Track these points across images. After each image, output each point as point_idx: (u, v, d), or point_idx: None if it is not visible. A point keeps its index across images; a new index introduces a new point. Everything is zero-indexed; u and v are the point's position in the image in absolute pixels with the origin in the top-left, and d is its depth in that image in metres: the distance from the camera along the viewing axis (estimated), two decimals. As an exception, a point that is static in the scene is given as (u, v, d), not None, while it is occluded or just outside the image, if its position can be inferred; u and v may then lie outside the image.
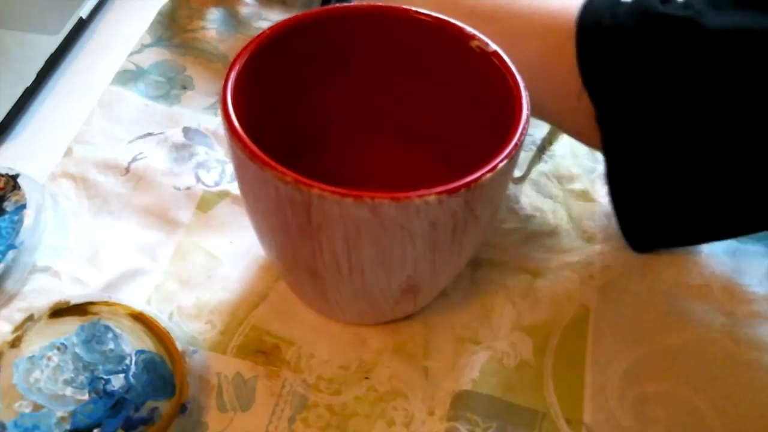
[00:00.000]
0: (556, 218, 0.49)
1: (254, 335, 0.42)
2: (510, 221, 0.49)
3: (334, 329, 0.43)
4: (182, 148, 0.52)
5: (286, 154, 0.35)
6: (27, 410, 0.37)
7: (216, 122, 0.54)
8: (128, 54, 0.58)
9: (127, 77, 0.56)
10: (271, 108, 0.41)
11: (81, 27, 0.60)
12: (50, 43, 0.57)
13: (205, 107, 0.55)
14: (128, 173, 0.50)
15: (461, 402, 0.40)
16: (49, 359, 0.39)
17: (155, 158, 0.51)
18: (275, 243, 0.38)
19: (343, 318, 0.43)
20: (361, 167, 0.45)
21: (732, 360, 0.42)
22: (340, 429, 0.39)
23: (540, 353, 0.42)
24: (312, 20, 0.40)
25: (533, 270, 0.46)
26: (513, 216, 0.49)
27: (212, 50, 0.59)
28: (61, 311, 0.41)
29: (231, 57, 0.37)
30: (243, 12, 0.63)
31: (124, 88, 0.55)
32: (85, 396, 0.38)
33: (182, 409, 0.38)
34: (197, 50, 0.59)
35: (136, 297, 0.44)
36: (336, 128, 0.46)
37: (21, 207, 0.45)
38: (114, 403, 0.38)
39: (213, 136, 0.53)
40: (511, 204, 0.50)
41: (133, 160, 0.51)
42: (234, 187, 0.50)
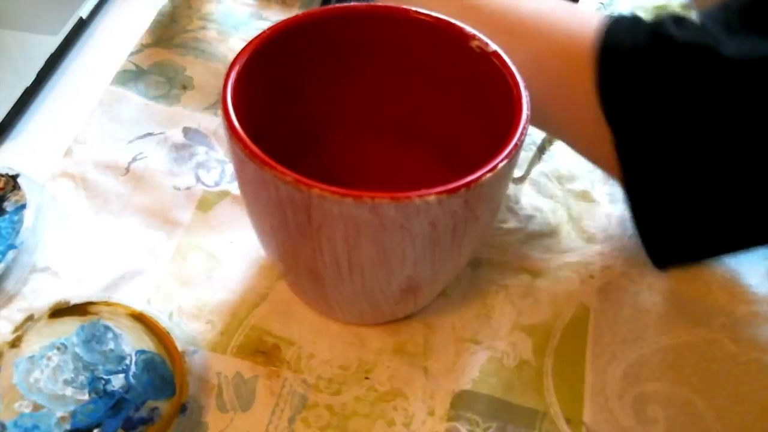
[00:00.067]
0: (556, 218, 0.49)
1: (254, 335, 0.42)
2: (510, 221, 0.49)
3: (334, 329, 0.43)
4: (182, 148, 0.52)
5: (286, 154, 0.35)
6: (27, 410, 0.37)
7: (216, 122, 0.54)
8: (128, 54, 0.58)
9: (127, 77, 0.56)
10: (271, 108, 0.41)
11: (81, 27, 0.60)
12: (50, 43, 0.57)
13: (205, 107, 0.55)
14: (128, 173, 0.50)
15: (461, 402, 0.40)
16: (49, 359, 0.39)
17: (155, 158, 0.51)
18: (275, 243, 0.38)
19: (343, 318, 0.43)
20: (361, 167, 0.45)
21: (732, 360, 0.42)
22: (340, 429, 0.39)
23: (540, 353, 0.42)
24: (312, 20, 0.40)
25: (533, 270, 0.46)
26: (513, 216, 0.49)
27: (212, 50, 0.59)
28: (61, 311, 0.41)
29: (231, 57, 0.37)
30: (243, 12, 0.63)
31: (124, 88, 0.55)
32: (85, 396, 0.38)
33: (182, 409, 0.38)
34: (197, 50, 0.59)
35: (136, 297, 0.44)
36: (336, 128, 0.46)
37: (21, 207, 0.45)
38: (114, 403, 0.38)
39: (213, 136, 0.53)
40: (511, 204, 0.50)
41: (133, 160, 0.51)
42: (234, 187, 0.50)
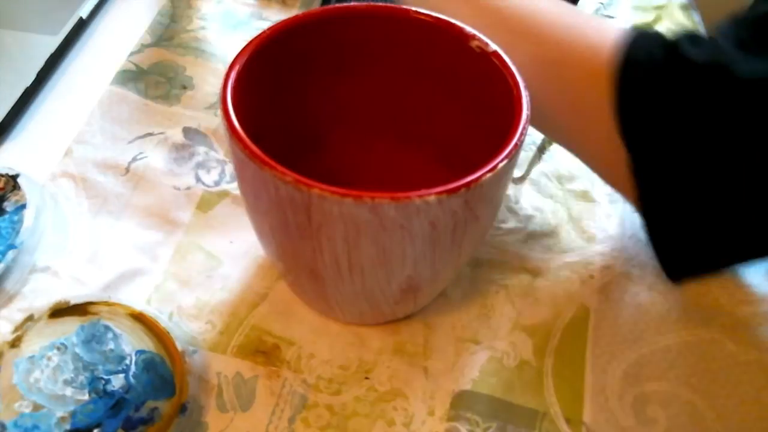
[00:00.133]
0: (556, 218, 0.49)
1: (254, 335, 0.42)
2: (510, 221, 0.49)
3: (334, 329, 0.43)
4: (182, 148, 0.52)
5: (286, 154, 0.35)
6: (27, 410, 0.37)
7: (216, 122, 0.54)
8: (128, 54, 0.58)
9: (127, 77, 0.56)
10: (271, 108, 0.41)
11: (81, 27, 0.60)
12: (50, 43, 0.57)
13: (205, 107, 0.55)
14: (128, 173, 0.50)
15: (461, 402, 0.40)
16: (49, 359, 0.39)
17: (155, 158, 0.51)
18: (275, 243, 0.38)
19: (343, 318, 0.43)
20: (361, 167, 0.45)
21: (732, 360, 0.42)
22: (340, 429, 0.39)
23: (540, 353, 0.42)
24: (312, 20, 0.40)
25: (533, 270, 0.46)
26: (513, 216, 0.49)
27: (212, 50, 0.59)
28: (61, 311, 0.41)
29: (231, 57, 0.37)
30: (243, 12, 0.63)
31: (124, 88, 0.55)
32: (85, 396, 0.38)
33: (182, 409, 0.38)
34: (197, 50, 0.59)
35: (136, 297, 0.44)
36: (336, 128, 0.46)
37: (21, 207, 0.45)
38: (114, 403, 0.38)
39: (213, 136, 0.53)
40: (511, 204, 0.50)
41: (133, 160, 0.51)
42: (234, 187, 0.50)
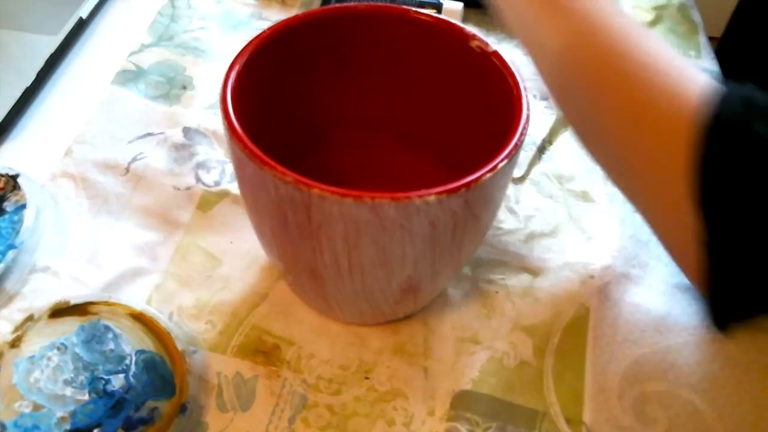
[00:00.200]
0: (556, 218, 0.49)
1: (254, 335, 0.42)
2: (510, 221, 0.49)
3: (334, 329, 0.43)
4: (182, 148, 0.52)
5: (286, 154, 0.34)
6: (27, 410, 0.37)
7: (216, 122, 0.54)
8: (128, 54, 0.58)
9: (127, 77, 0.56)
10: (271, 108, 0.41)
11: (81, 27, 0.60)
12: (50, 43, 0.57)
13: (205, 107, 0.55)
14: (128, 173, 0.50)
15: (461, 402, 0.40)
16: (49, 359, 0.39)
17: (155, 158, 0.51)
18: (275, 243, 0.38)
19: (343, 318, 0.43)
20: (361, 167, 0.45)
21: (732, 360, 0.42)
22: (340, 429, 0.39)
23: (540, 353, 0.42)
24: (312, 20, 0.40)
25: (533, 270, 0.46)
26: (513, 216, 0.49)
27: (212, 50, 0.59)
28: (61, 311, 0.41)
29: (231, 57, 0.37)
30: (243, 12, 0.63)
31: (124, 88, 0.55)
32: (85, 396, 0.38)
33: (182, 409, 0.38)
34: (197, 50, 0.59)
35: (136, 297, 0.44)
36: (336, 128, 0.46)
37: (21, 207, 0.45)
38: (114, 403, 0.38)
39: (213, 136, 0.53)
40: (511, 204, 0.50)
41: (133, 160, 0.51)
42: (234, 187, 0.50)
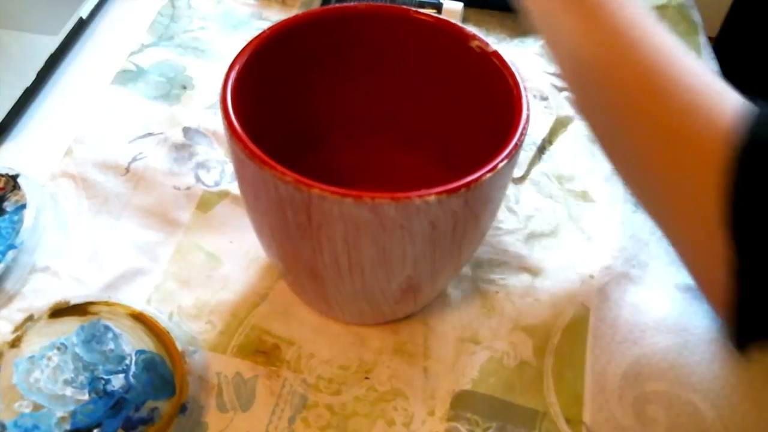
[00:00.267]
0: (556, 218, 0.49)
1: (254, 335, 0.42)
2: (510, 221, 0.49)
3: (334, 329, 0.43)
4: (182, 148, 0.52)
5: (286, 154, 0.34)
6: (27, 410, 0.37)
7: (216, 122, 0.54)
8: (128, 54, 0.58)
9: (127, 77, 0.56)
10: (271, 108, 0.41)
11: (81, 27, 0.60)
12: (50, 43, 0.57)
13: (205, 107, 0.55)
14: (128, 173, 0.50)
15: (461, 402, 0.40)
16: (49, 359, 0.39)
17: (155, 158, 0.51)
18: (275, 243, 0.38)
19: (343, 318, 0.43)
20: (361, 167, 0.45)
21: (732, 360, 0.42)
22: (340, 429, 0.39)
23: (540, 353, 0.42)
24: (312, 20, 0.40)
25: (533, 270, 0.46)
26: (513, 216, 0.49)
27: (212, 50, 0.59)
28: (61, 311, 0.41)
29: (231, 57, 0.37)
30: (243, 12, 0.63)
31: (124, 88, 0.55)
32: (85, 396, 0.38)
33: (182, 409, 0.38)
34: (197, 50, 0.59)
35: (136, 297, 0.44)
36: (336, 128, 0.46)
37: (21, 207, 0.45)
38: (114, 403, 0.38)
39: (213, 136, 0.53)
40: (511, 204, 0.50)
41: (133, 160, 0.51)
42: (234, 187, 0.50)
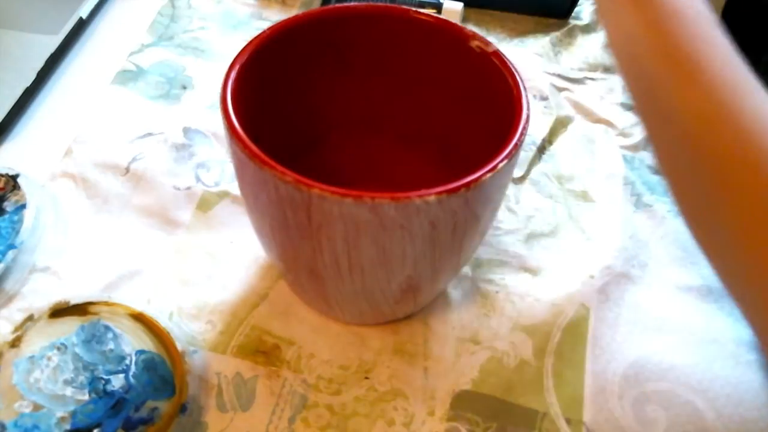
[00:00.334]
0: (556, 218, 0.49)
1: (254, 335, 0.42)
2: (510, 221, 0.49)
3: (334, 329, 0.43)
4: (182, 148, 0.52)
5: (286, 154, 0.34)
6: (27, 410, 0.37)
7: (216, 122, 0.54)
8: (128, 54, 0.58)
9: (127, 77, 0.56)
10: (271, 108, 0.41)
11: (81, 27, 0.60)
12: (50, 43, 0.57)
13: (205, 107, 0.55)
14: (128, 173, 0.50)
15: (461, 402, 0.40)
16: (49, 359, 0.39)
17: (155, 158, 0.51)
18: (275, 243, 0.38)
19: (343, 318, 0.43)
20: (361, 167, 0.45)
21: (732, 360, 0.42)
22: (340, 429, 0.39)
23: (540, 353, 0.42)
24: (312, 20, 0.40)
25: (533, 270, 0.46)
26: (513, 216, 0.49)
27: (212, 50, 0.59)
28: (61, 311, 0.41)
29: (231, 57, 0.37)
30: (243, 12, 0.63)
31: (124, 88, 0.55)
32: (85, 396, 0.38)
33: (182, 409, 0.38)
34: (197, 50, 0.59)
35: (136, 297, 0.44)
36: (336, 128, 0.46)
37: (21, 207, 0.45)
38: (114, 403, 0.38)
39: (213, 136, 0.53)
40: (511, 204, 0.50)
41: (133, 160, 0.51)
42: (234, 187, 0.50)
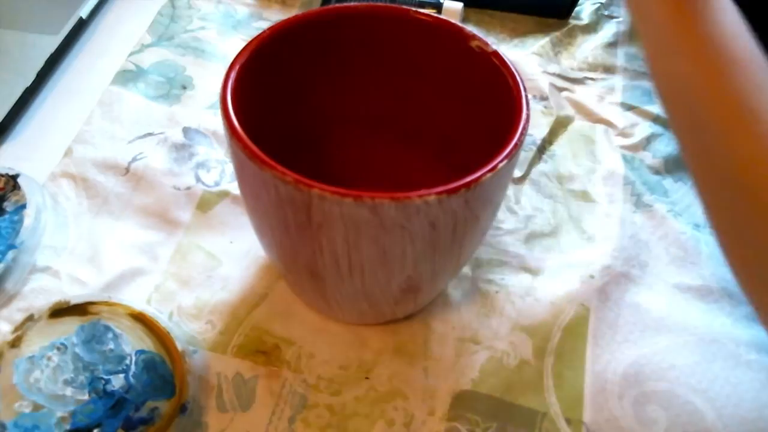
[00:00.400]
0: (556, 218, 0.49)
1: (254, 335, 0.42)
2: (510, 221, 0.49)
3: (334, 329, 0.43)
4: (182, 148, 0.52)
5: (286, 154, 0.34)
6: (27, 410, 0.37)
7: (216, 122, 0.54)
8: (128, 54, 0.58)
9: (127, 77, 0.56)
10: (271, 108, 0.41)
11: (81, 27, 0.60)
12: (50, 43, 0.57)
13: (205, 107, 0.55)
14: (128, 173, 0.50)
15: (461, 402, 0.40)
16: (49, 359, 0.39)
17: (155, 158, 0.51)
18: (275, 243, 0.38)
19: (343, 318, 0.43)
20: (361, 167, 0.45)
21: (732, 360, 0.42)
22: (340, 429, 0.39)
23: (540, 353, 0.42)
24: (312, 20, 0.40)
25: (533, 270, 0.46)
26: (513, 216, 0.49)
27: (212, 50, 0.59)
28: (61, 311, 0.41)
29: (231, 57, 0.37)
30: (243, 12, 0.63)
31: (124, 88, 0.55)
32: (85, 396, 0.38)
33: (182, 409, 0.38)
34: (197, 50, 0.59)
35: (136, 297, 0.44)
36: (336, 128, 0.46)
37: (21, 207, 0.45)
38: (114, 403, 0.38)
39: (213, 136, 0.53)
40: (511, 204, 0.50)
41: (133, 160, 0.51)
42: (234, 187, 0.50)
